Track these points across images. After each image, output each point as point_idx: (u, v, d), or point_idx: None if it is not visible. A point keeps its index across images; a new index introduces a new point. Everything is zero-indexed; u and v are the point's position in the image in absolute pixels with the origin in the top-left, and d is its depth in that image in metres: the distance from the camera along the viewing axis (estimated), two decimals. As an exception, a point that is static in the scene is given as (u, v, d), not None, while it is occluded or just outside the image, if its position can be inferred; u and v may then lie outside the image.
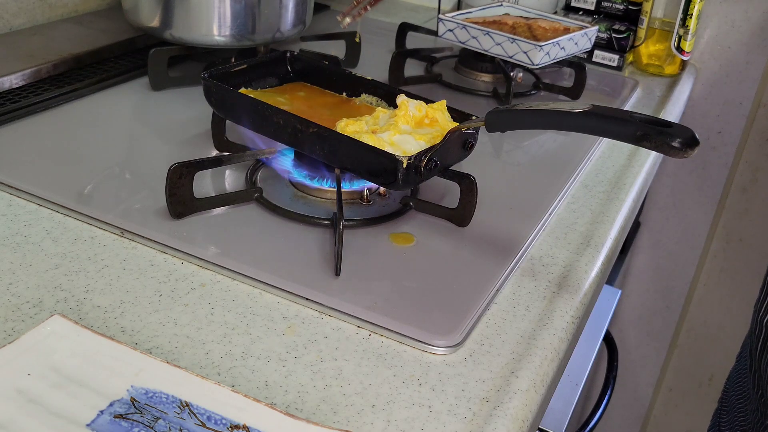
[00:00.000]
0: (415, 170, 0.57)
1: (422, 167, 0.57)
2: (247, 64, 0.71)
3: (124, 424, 0.40)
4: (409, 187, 0.62)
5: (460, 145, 0.62)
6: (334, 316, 0.52)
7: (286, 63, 0.75)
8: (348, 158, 0.60)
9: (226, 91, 0.66)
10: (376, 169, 0.58)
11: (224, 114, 0.68)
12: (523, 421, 0.46)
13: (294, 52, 0.75)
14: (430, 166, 0.58)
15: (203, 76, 0.66)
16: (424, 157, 0.57)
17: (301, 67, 0.76)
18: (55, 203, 0.61)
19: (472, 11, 0.99)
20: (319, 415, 0.44)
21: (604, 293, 0.81)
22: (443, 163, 0.60)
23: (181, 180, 0.59)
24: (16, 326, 0.48)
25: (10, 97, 0.78)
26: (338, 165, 0.62)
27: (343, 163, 0.61)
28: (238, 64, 0.70)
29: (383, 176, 0.58)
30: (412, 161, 0.56)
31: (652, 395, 1.54)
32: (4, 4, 0.92)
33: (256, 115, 0.64)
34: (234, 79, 0.70)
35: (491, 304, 0.55)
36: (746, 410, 0.76)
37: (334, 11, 1.26)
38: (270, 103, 0.64)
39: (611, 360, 0.96)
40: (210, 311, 0.51)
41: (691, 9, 1.02)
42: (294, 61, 0.75)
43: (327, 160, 0.62)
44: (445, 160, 0.61)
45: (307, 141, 0.61)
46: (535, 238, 0.64)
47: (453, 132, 0.59)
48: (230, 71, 0.69)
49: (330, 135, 0.60)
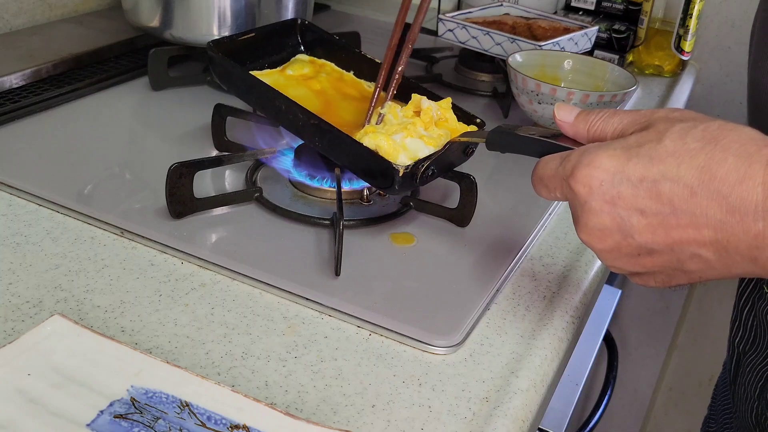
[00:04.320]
0: (412, 177, 0.57)
1: (419, 175, 0.57)
2: (255, 32, 0.69)
3: (124, 424, 0.40)
4: (405, 192, 0.63)
5: (461, 152, 0.62)
6: (334, 316, 0.52)
7: (296, 33, 0.73)
8: (346, 156, 0.60)
9: (234, 66, 0.65)
10: (373, 172, 0.58)
11: (228, 87, 0.67)
12: (523, 421, 0.46)
13: (306, 22, 0.73)
14: (426, 174, 0.58)
15: (209, 46, 0.65)
16: (422, 165, 0.57)
17: (311, 39, 0.74)
18: (55, 203, 0.61)
19: (472, 11, 0.99)
20: (319, 415, 0.44)
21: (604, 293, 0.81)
22: (440, 171, 0.60)
23: (181, 180, 0.59)
24: (16, 326, 0.48)
25: (10, 97, 0.78)
26: (336, 161, 0.62)
27: (341, 160, 0.61)
28: (245, 33, 0.68)
29: (379, 179, 0.58)
30: (409, 170, 0.56)
31: (652, 395, 1.54)
32: (4, 4, 0.92)
33: (260, 96, 0.64)
34: (241, 51, 0.68)
35: (491, 304, 0.55)
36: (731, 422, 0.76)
37: (333, 11, 1.27)
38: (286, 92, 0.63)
39: (611, 360, 0.96)
40: (210, 311, 0.51)
41: (691, 9, 1.02)
42: (305, 31, 0.73)
43: (326, 153, 0.61)
44: (444, 167, 0.61)
45: (307, 131, 0.61)
46: (535, 238, 0.64)
47: (452, 143, 0.59)
48: (237, 39, 0.67)
49: (331, 130, 0.59)
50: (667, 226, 0.40)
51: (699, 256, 0.40)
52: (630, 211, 0.41)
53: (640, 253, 0.42)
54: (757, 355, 0.67)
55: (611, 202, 0.41)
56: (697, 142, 0.39)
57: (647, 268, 0.43)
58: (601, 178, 0.41)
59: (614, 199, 0.41)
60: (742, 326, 0.70)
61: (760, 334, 0.67)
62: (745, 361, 0.69)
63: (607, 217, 0.41)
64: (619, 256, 0.43)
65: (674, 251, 0.40)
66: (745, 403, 0.68)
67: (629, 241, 0.41)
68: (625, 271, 0.44)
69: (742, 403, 0.69)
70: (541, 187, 0.46)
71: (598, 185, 0.41)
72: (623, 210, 0.41)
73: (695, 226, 0.39)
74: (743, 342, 0.70)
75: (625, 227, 0.41)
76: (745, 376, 0.68)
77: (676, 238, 0.40)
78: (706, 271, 0.41)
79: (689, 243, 0.40)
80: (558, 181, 0.44)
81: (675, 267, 0.42)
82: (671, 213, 0.39)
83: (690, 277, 0.42)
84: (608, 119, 0.45)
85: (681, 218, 0.39)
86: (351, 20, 1.23)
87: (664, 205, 0.39)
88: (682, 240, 0.40)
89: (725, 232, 0.38)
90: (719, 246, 0.39)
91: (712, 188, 0.38)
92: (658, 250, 0.41)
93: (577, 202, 0.43)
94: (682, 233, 0.39)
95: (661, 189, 0.39)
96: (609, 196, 0.41)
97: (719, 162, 0.38)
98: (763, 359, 0.66)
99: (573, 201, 0.44)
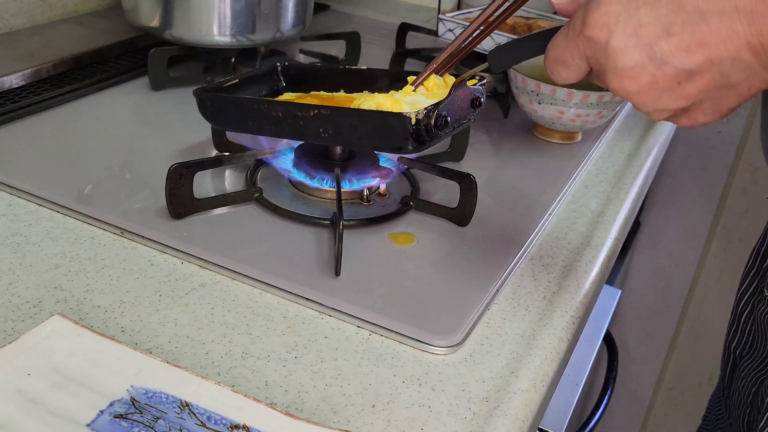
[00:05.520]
0: (426, 128, 0.54)
1: (432, 124, 0.54)
2: (239, 78, 0.70)
3: (124, 424, 0.40)
4: (422, 149, 0.57)
5: (469, 103, 0.60)
6: (334, 316, 0.52)
7: (278, 75, 0.73)
8: (355, 132, 0.57)
9: (221, 98, 0.64)
10: (383, 133, 0.56)
11: (222, 125, 0.66)
12: (523, 421, 0.46)
13: (285, 64, 0.74)
14: (440, 123, 0.55)
15: (196, 92, 0.65)
16: (432, 112, 0.54)
17: (294, 75, 0.74)
18: (55, 203, 0.61)
19: (472, 11, 0.99)
20: (319, 415, 0.44)
21: (604, 293, 0.81)
22: (453, 120, 0.57)
23: (181, 180, 0.59)
24: (16, 326, 0.48)
25: (10, 97, 0.78)
26: (347, 143, 0.60)
27: (351, 138, 0.58)
28: (230, 79, 0.69)
29: (393, 140, 0.55)
30: (421, 116, 0.53)
31: (652, 395, 1.54)
32: (4, 4, 0.92)
33: (255, 115, 0.62)
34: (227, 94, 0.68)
35: (491, 304, 0.55)
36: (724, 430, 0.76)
37: (333, 11, 1.27)
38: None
39: (611, 360, 0.96)
40: (210, 311, 0.51)
41: (691, 9, 1.02)
42: (285, 72, 0.73)
43: (335, 142, 0.59)
44: (455, 117, 0.58)
45: (311, 127, 0.58)
46: (535, 238, 0.64)
47: (457, 84, 0.57)
48: (222, 86, 0.68)
49: (332, 112, 0.57)
50: (700, 37, 0.37)
51: (740, 61, 0.37)
52: (657, 35, 0.38)
53: (680, 81, 0.39)
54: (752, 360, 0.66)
55: (635, 34, 0.38)
56: None
57: (693, 98, 0.40)
58: (616, 11, 0.39)
59: (636, 28, 0.38)
60: (739, 330, 0.70)
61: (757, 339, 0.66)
62: (741, 366, 0.68)
63: (634, 51, 0.39)
64: (658, 94, 0.40)
65: (714, 64, 0.38)
66: (738, 408, 0.67)
67: (665, 69, 0.39)
68: (670, 111, 0.41)
69: (734, 409, 0.68)
70: (558, 65, 0.43)
71: (614, 21, 0.39)
72: (649, 37, 0.38)
73: (728, 26, 0.36)
74: (740, 346, 0.69)
75: (656, 55, 0.38)
76: (740, 381, 0.68)
77: (712, 46, 0.37)
78: (753, 79, 0.38)
79: (727, 47, 0.37)
80: (572, 45, 0.42)
81: (720, 85, 0.39)
82: (700, 19, 0.37)
83: (739, 92, 0.39)
84: None
85: (711, 22, 0.36)
86: (351, 20, 1.23)
87: (690, 14, 0.37)
88: (718, 46, 0.37)
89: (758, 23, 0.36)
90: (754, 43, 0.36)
91: None
92: (698, 71, 0.38)
93: (599, 49, 0.40)
94: (717, 38, 0.37)
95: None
96: (630, 27, 0.38)
97: None
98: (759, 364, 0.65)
99: (594, 52, 0.41)
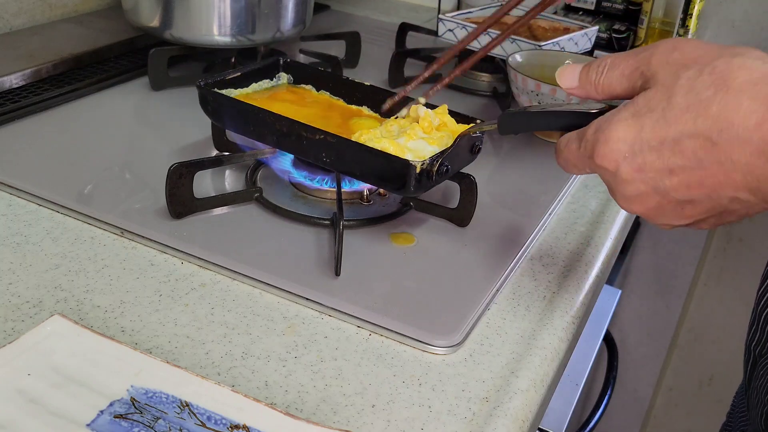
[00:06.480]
0: (427, 175, 0.56)
1: (434, 172, 0.57)
2: (241, 71, 0.70)
3: (124, 424, 0.40)
4: (421, 192, 0.61)
5: (468, 150, 0.62)
6: (334, 316, 0.52)
7: (279, 69, 0.73)
8: (357, 165, 0.59)
9: (224, 98, 0.65)
10: (387, 175, 0.57)
11: (222, 122, 0.67)
12: (523, 421, 0.46)
13: (287, 59, 0.74)
14: (441, 171, 0.57)
15: (198, 84, 0.65)
16: (436, 161, 0.56)
17: (296, 73, 0.74)
18: (55, 203, 0.61)
19: (472, 11, 0.99)
20: (319, 415, 0.44)
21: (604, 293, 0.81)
22: (454, 167, 0.59)
23: (181, 180, 0.59)
24: (16, 326, 0.48)
25: (10, 97, 0.78)
26: (346, 172, 0.61)
27: (352, 169, 0.59)
28: (232, 72, 0.69)
29: (394, 182, 0.57)
30: (425, 166, 0.56)
31: (652, 395, 1.54)
32: (4, 4, 0.92)
33: (259, 123, 0.63)
34: (229, 87, 0.68)
35: (491, 304, 0.55)
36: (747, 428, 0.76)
37: (333, 11, 1.27)
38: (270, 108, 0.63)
39: (611, 360, 0.96)
40: (210, 311, 0.51)
41: (691, 9, 1.02)
42: (288, 68, 0.74)
43: (333, 167, 0.60)
44: (455, 165, 0.60)
45: (313, 149, 0.59)
46: (535, 238, 0.64)
47: (463, 136, 0.59)
48: (225, 79, 0.68)
49: (338, 141, 0.58)
50: (699, 178, 0.41)
51: (737, 199, 0.41)
52: (660, 173, 0.41)
53: (683, 207, 0.43)
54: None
55: (639, 170, 0.42)
56: (708, 90, 0.39)
57: (695, 217, 0.44)
58: (622, 150, 0.42)
59: (641, 166, 0.42)
60: (759, 329, 0.70)
61: None
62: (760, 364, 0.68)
63: (640, 184, 0.43)
64: (664, 213, 0.44)
65: (713, 198, 0.41)
66: (757, 407, 0.67)
67: (668, 198, 0.42)
68: (677, 225, 0.45)
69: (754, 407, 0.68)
70: (571, 167, 0.48)
71: (621, 158, 0.42)
72: (653, 174, 0.42)
73: (724, 173, 0.40)
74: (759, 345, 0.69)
75: (660, 188, 0.42)
76: (759, 379, 0.68)
77: (711, 186, 0.41)
78: (751, 208, 0.42)
79: (724, 188, 0.40)
80: (583, 162, 0.46)
81: (720, 211, 0.43)
82: (698, 166, 0.40)
83: (738, 215, 0.43)
84: (609, 73, 0.45)
85: (709, 168, 0.40)
86: (351, 20, 1.23)
87: (690, 159, 0.40)
88: (716, 187, 0.40)
89: (753, 174, 0.39)
90: (752, 187, 0.39)
91: (732, 135, 0.38)
92: (698, 200, 0.42)
93: (608, 174, 0.44)
94: (714, 181, 0.40)
95: (684, 146, 0.40)
96: (635, 165, 0.42)
97: (734, 109, 0.38)
98: None
99: (603, 175, 0.45)
